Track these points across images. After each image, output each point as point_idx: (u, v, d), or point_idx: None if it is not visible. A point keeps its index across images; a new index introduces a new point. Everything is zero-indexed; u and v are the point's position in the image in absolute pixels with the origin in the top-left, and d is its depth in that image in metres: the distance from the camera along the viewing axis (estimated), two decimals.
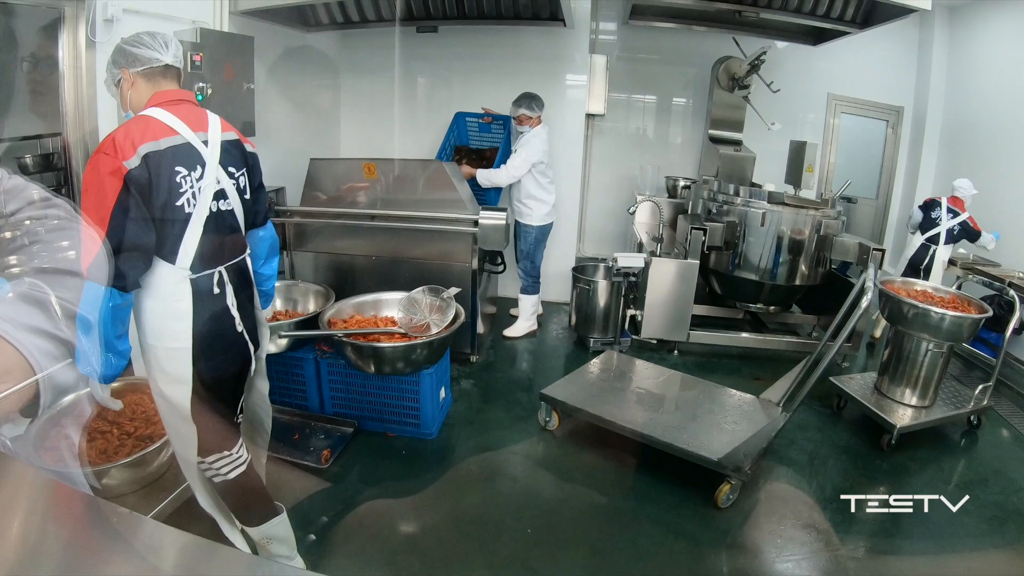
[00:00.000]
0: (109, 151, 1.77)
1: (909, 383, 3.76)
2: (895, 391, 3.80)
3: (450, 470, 3.24)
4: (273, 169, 4.52)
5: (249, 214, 2.18)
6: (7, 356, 0.78)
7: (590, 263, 5.22)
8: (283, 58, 4.78)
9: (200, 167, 1.93)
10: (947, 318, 3.50)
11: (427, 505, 2.97)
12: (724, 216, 4.73)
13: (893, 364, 3.82)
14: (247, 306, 2.16)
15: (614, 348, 4.54)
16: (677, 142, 6.62)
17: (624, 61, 6.36)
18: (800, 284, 4.74)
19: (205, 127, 2.00)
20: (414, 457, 3.33)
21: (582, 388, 3.65)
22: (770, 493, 3.18)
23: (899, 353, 3.78)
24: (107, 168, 1.76)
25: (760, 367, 4.58)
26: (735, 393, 3.69)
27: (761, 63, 5.20)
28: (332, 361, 3.49)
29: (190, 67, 3.37)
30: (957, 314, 3.53)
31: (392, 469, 3.23)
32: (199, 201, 1.92)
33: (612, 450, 3.38)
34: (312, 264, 4.33)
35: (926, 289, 3.96)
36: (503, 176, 4.62)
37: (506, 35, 5.29)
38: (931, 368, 3.69)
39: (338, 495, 2.97)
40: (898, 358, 3.79)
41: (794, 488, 3.23)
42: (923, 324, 3.57)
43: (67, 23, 2.98)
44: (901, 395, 3.78)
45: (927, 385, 3.73)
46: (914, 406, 3.74)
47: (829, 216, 4.63)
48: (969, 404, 3.84)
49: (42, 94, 2.99)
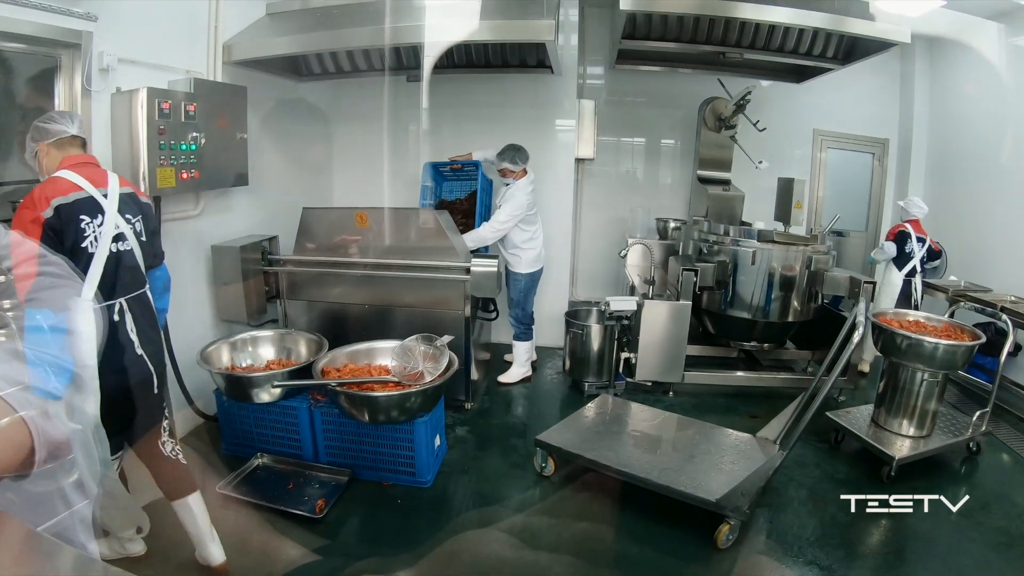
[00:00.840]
0: (29, 206, 2.19)
1: (906, 414, 3.77)
2: (892, 423, 3.81)
3: (447, 520, 3.20)
4: (266, 218, 4.59)
5: (147, 255, 2.52)
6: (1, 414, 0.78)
7: (583, 307, 5.23)
8: (276, 108, 4.85)
9: (100, 215, 2.31)
10: (941, 347, 3.53)
11: (425, 561, 2.91)
12: (715, 256, 4.77)
13: (889, 396, 3.83)
14: (148, 332, 2.46)
15: (609, 392, 4.55)
16: (667, 183, 6.69)
17: (612, 105, 6.45)
18: (793, 320, 4.76)
19: (105, 183, 2.38)
20: (410, 507, 3.30)
21: (578, 433, 3.64)
22: (771, 531, 3.15)
23: (895, 384, 3.79)
24: (29, 218, 2.16)
25: (756, 405, 4.58)
26: (731, 432, 3.68)
27: (747, 103, 5.30)
28: (326, 410, 3.49)
29: (184, 117, 3.43)
30: (951, 342, 3.56)
31: (388, 520, 3.19)
32: (100, 243, 2.28)
33: (610, 494, 3.37)
34: (305, 313, 4.35)
35: (918, 319, 3.99)
36: (488, 234, 4.60)
37: (495, 83, 5.38)
38: (927, 398, 3.71)
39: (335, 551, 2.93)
40: (894, 389, 3.80)
41: (795, 525, 3.20)
42: (917, 354, 3.59)
43: (63, 71, 3.04)
44: (899, 426, 3.79)
45: (924, 415, 3.74)
46: (912, 436, 3.74)
47: (819, 251, 4.68)
48: (967, 431, 3.85)
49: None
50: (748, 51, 5.10)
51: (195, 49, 3.92)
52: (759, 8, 4.24)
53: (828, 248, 4.79)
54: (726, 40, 5.00)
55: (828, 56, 5.20)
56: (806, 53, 5.15)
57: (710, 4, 4.31)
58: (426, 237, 4.15)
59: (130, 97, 3.19)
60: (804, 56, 5.19)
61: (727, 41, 5.01)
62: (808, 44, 5.04)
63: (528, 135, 4.85)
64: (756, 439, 3.60)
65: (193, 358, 3.54)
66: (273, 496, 3.27)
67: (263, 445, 3.65)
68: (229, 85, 4.00)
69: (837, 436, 3.99)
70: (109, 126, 3.25)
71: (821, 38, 4.97)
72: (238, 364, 3.72)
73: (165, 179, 3.35)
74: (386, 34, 3.80)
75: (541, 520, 3.25)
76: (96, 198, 2.31)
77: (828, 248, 4.79)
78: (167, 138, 3.32)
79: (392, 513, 3.25)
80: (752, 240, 4.67)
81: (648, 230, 6.22)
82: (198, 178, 3.59)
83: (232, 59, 4.09)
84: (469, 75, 5.26)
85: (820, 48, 5.10)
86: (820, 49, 5.11)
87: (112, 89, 3.23)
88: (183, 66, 3.76)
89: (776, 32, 4.90)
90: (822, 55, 5.19)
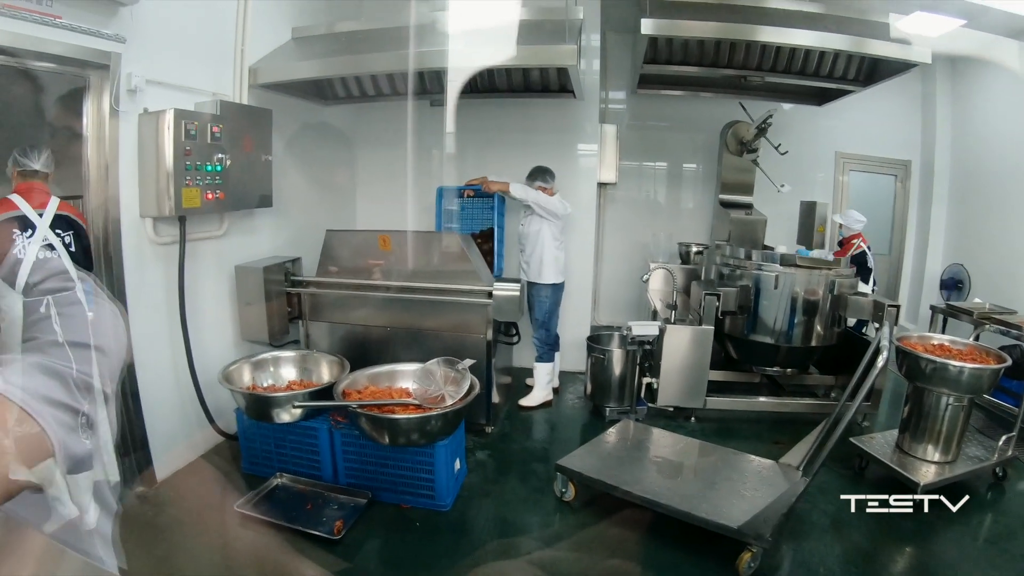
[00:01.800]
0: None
1: (931, 439, 3.69)
2: (917, 448, 3.73)
3: (465, 544, 3.17)
4: (289, 240, 4.63)
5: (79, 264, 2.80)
6: (25, 427, 0.79)
7: (605, 332, 5.20)
8: (300, 131, 4.91)
9: (31, 229, 2.77)
10: (966, 371, 3.46)
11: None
12: (737, 280, 4.73)
13: (914, 421, 3.76)
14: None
15: (630, 417, 4.51)
16: (689, 207, 6.69)
17: (634, 129, 6.48)
18: (816, 345, 4.69)
19: (44, 205, 2.87)
20: (429, 530, 3.27)
21: (599, 458, 3.60)
22: (793, 559, 3.09)
23: (919, 409, 3.72)
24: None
25: (779, 431, 4.50)
26: (754, 459, 3.63)
27: (768, 126, 5.28)
28: (346, 431, 3.48)
29: (210, 139, 3.49)
30: (976, 366, 3.49)
31: (407, 544, 3.17)
32: (28, 251, 2.64)
33: (630, 520, 3.31)
34: (327, 334, 4.37)
35: (943, 342, 3.92)
36: (533, 195, 4.60)
37: (518, 107, 5.40)
38: (952, 422, 3.63)
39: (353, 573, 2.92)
40: (918, 414, 3.73)
41: (818, 553, 3.13)
42: (942, 378, 3.53)
43: (92, 91, 3.11)
44: (923, 452, 3.71)
45: (949, 440, 3.66)
46: (937, 462, 3.66)
47: (842, 275, 4.62)
48: (993, 456, 3.77)
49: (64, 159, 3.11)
50: (769, 74, 5.11)
51: (222, 72, 3.98)
52: (780, 31, 4.25)
53: (851, 272, 4.72)
54: (747, 64, 5.01)
55: (849, 78, 5.19)
56: (827, 75, 5.14)
57: (731, 28, 4.34)
58: (449, 261, 4.17)
59: (157, 118, 3.26)
60: (825, 78, 5.17)
61: (748, 64, 5.02)
62: (829, 66, 5.03)
63: (551, 159, 4.87)
64: (779, 465, 3.54)
65: (215, 376, 3.55)
66: (291, 516, 3.26)
67: (282, 465, 3.65)
68: (255, 108, 4.07)
69: (861, 462, 3.90)
70: (136, 146, 3.31)
71: (842, 60, 4.96)
72: (259, 384, 3.73)
73: (190, 199, 3.40)
74: (410, 59, 3.85)
75: (561, 546, 3.20)
76: (30, 217, 2.81)
77: (851, 272, 4.72)
78: (193, 159, 3.39)
79: (411, 536, 3.22)
80: (775, 264, 4.63)
81: (670, 255, 6.21)
82: (223, 199, 3.65)
83: (258, 82, 4.15)
84: (492, 100, 5.29)
85: (841, 70, 5.09)
86: (841, 71, 5.10)
87: (140, 109, 3.29)
88: (210, 88, 3.81)
89: (797, 55, 4.90)
90: (843, 77, 5.18)
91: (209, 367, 3.71)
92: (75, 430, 0.87)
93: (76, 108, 3.11)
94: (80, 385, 0.91)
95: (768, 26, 4.28)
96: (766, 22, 4.32)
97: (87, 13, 2.92)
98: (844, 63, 5.01)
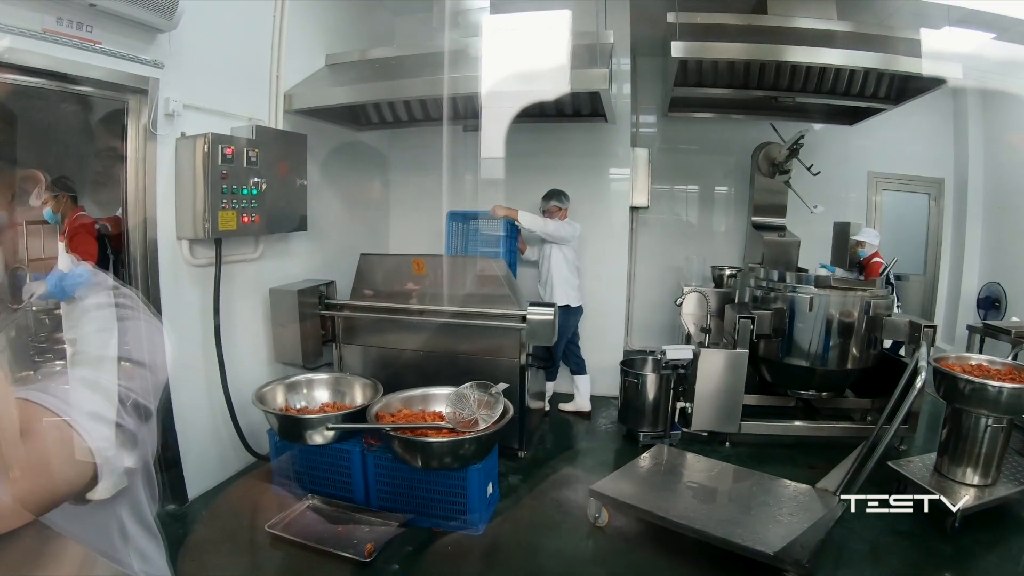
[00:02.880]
0: None
1: (970, 462, 3.58)
2: (955, 471, 3.62)
3: (498, 569, 3.16)
4: (324, 263, 4.69)
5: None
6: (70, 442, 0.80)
7: (638, 356, 5.15)
8: (335, 155, 4.99)
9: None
10: (1005, 391, 3.37)
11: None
12: (771, 303, 4.66)
13: (952, 443, 3.65)
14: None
15: (664, 442, 4.45)
16: (721, 230, 6.65)
17: (665, 153, 6.48)
18: (852, 367, 4.60)
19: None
20: (461, 555, 3.25)
21: (632, 483, 3.57)
22: None
23: (958, 431, 3.61)
24: None
25: (815, 455, 4.40)
26: (790, 484, 3.56)
27: (800, 147, 5.24)
28: (379, 454, 3.49)
29: (246, 163, 3.55)
30: (1015, 386, 3.40)
31: (438, 568, 3.16)
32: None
33: (664, 546, 3.26)
34: (360, 357, 4.40)
35: (981, 362, 3.82)
36: (540, 223, 4.77)
37: (550, 132, 5.42)
38: (992, 444, 3.52)
39: None
40: (957, 436, 3.62)
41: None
42: (980, 399, 3.43)
43: (131, 115, 3.19)
44: (962, 475, 3.59)
45: (989, 462, 3.55)
46: (976, 485, 3.55)
47: (878, 296, 4.54)
48: None
49: (103, 182, 3.20)
50: (800, 94, 5.08)
51: (257, 97, 4.07)
52: (809, 51, 4.24)
53: (887, 292, 4.65)
54: (778, 84, 4.98)
55: (880, 96, 5.14)
56: (858, 94, 5.09)
57: (761, 49, 4.34)
58: (483, 285, 4.18)
59: (194, 142, 3.33)
60: (856, 97, 5.13)
61: (779, 85, 4.99)
62: (860, 84, 4.98)
63: (583, 184, 4.92)
64: (815, 490, 3.48)
65: (248, 397, 3.59)
66: (322, 538, 3.26)
67: (314, 486, 3.65)
68: (290, 133, 4.14)
69: (899, 486, 3.79)
70: (174, 169, 3.39)
71: (872, 78, 4.91)
72: (292, 405, 3.75)
73: (226, 222, 3.46)
74: (444, 84, 3.90)
75: (595, 572, 3.18)
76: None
77: (887, 292, 4.65)
78: (229, 182, 3.45)
79: (442, 561, 3.21)
80: (809, 286, 4.56)
81: (703, 278, 6.15)
82: (258, 222, 3.71)
83: (293, 108, 4.24)
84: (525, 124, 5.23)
85: (872, 88, 5.04)
86: (872, 89, 5.06)
87: (177, 133, 3.37)
88: (246, 113, 3.89)
89: (827, 74, 4.85)
90: (874, 95, 5.13)
91: (242, 388, 3.75)
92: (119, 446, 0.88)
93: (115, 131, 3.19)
94: (125, 400, 0.93)
95: (797, 46, 4.27)
96: (795, 42, 4.31)
97: (126, 39, 3.02)
98: (875, 81, 4.96)
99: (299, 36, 4.34)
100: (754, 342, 4.58)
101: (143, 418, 0.98)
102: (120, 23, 2.93)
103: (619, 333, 5.80)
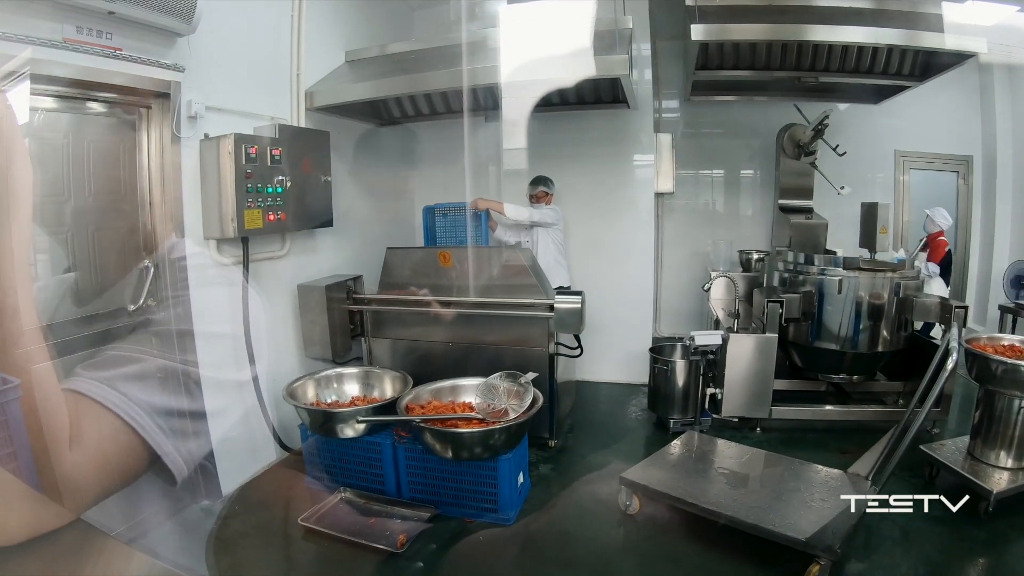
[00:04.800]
0: None
1: (1003, 445, 3.50)
2: (989, 454, 3.55)
3: (529, 558, 3.17)
4: (350, 258, 4.72)
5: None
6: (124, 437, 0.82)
7: (667, 343, 5.13)
8: (358, 151, 5.02)
9: None
10: None
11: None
12: (800, 287, 4.60)
13: (985, 425, 3.58)
14: None
15: (695, 428, 4.42)
16: (748, 214, 6.57)
17: (689, 137, 6.40)
18: (883, 350, 4.54)
19: None
20: (493, 544, 3.27)
21: (663, 470, 3.56)
22: (863, 572, 2.98)
23: (991, 414, 3.54)
24: None
25: (846, 439, 4.35)
26: (821, 469, 3.53)
27: (825, 127, 5.16)
28: (409, 446, 3.51)
29: (270, 161, 3.58)
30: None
31: (470, 557, 3.17)
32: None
33: (695, 533, 3.24)
34: (389, 350, 4.42)
35: (1013, 343, 3.73)
36: (525, 213, 4.90)
37: (572, 120, 5.39)
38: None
39: None
40: (990, 419, 3.55)
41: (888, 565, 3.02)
42: (1013, 380, 3.36)
43: (154, 119, 3.24)
44: (996, 458, 3.52)
45: (1023, 445, 3.48)
46: (1010, 468, 3.48)
47: (907, 277, 4.47)
48: None
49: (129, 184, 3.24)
50: (823, 74, 5.01)
51: (279, 97, 4.11)
52: (831, 29, 4.17)
53: (917, 273, 4.57)
54: (800, 64, 4.93)
55: (905, 73, 5.05)
56: (882, 71, 5.01)
57: (782, 29, 4.27)
58: (510, 275, 4.18)
59: (218, 143, 3.37)
60: (880, 75, 5.05)
61: (801, 65, 4.93)
62: (884, 62, 4.90)
63: (607, 171, 4.90)
64: (847, 475, 3.45)
65: (279, 393, 3.63)
66: (355, 530, 3.29)
67: (346, 479, 3.69)
68: (312, 130, 4.18)
69: (932, 470, 3.74)
70: (199, 170, 3.43)
71: (896, 55, 4.84)
72: (323, 400, 3.79)
73: (253, 220, 3.50)
74: (463, 76, 3.90)
75: (626, 560, 3.17)
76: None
77: (917, 273, 4.57)
78: (254, 181, 3.49)
79: (474, 550, 3.22)
80: (838, 268, 4.51)
81: (731, 263, 6.08)
82: (284, 220, 3.75)
83: (314, 105, 4.27)
84: (547, 113, 5.26)
85: (896, 66, 4.96)
86: (896, 67, 4.97)
87: (200, 135, 3.42)
88: (268, 113, 3.93)
89: (850, 52, 4.79)
90: (899, 72, 5.04)
91: (273, 384, 3.79)
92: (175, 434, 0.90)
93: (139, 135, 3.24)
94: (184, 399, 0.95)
95: (819, 24, 4.20)
96: (817, 21, 4.24)
97: (146, 44, 3.05)
98: (899, 58, 4.88)
99: (318, 34, 4.36)
100: (783, 326, 4.52)
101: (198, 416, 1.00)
102: (139, 29, 2.96)
103: (647, 320, 5.77)
